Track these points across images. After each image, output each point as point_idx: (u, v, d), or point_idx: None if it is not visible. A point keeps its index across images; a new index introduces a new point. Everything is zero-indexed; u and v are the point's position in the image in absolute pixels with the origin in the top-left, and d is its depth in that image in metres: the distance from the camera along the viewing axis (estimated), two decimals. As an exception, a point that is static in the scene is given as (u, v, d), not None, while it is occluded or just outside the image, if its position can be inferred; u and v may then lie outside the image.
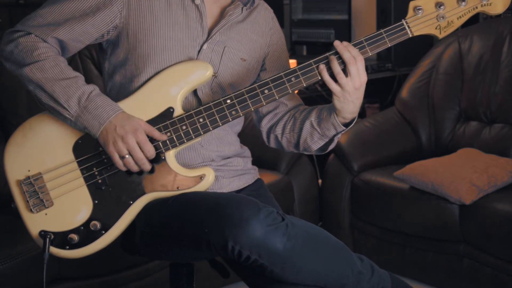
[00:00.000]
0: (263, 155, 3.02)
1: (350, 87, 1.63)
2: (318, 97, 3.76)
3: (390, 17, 3.86)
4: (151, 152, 1.62)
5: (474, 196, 2.59)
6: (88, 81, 2.96)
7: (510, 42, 3.04)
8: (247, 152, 1.91)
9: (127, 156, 1.61)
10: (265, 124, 1.87)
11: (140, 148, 1.61)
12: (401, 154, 3.15)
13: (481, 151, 2.88)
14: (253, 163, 1.93)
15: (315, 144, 1.78)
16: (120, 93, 1.73)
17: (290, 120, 1.82)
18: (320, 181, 3.27)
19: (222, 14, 1.78)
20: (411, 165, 2.82)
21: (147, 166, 1.63)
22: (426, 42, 3.71)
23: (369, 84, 1.74)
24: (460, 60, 3.19)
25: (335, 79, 1.64)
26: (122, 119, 1.61)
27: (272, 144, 1.89)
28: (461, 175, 2.65)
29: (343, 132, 1.74)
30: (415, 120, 3.24)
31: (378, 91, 3.88)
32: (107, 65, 1.77)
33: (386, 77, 3.86)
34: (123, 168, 1.63)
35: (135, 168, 1.63)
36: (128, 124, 1.60)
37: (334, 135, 1.76)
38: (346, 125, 1.73)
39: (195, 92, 1.73)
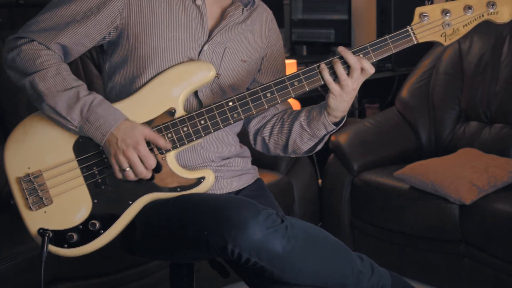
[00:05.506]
0: (263, 155, 3.02)
1: (349, 87, 1.64)
2: (318, 97, 3.76)
3: (390, 17, 3.86)
4: (153, 165, 1.62)
5: (474, 196, 2.59)
6: (88, 81, 2.97)
7: (510, 42, 3.04)
8: (246, 152, 1.91)
9: (127, 169, 1.61)
10: (253, 126, 1.87)
11: (142, 162, 1.61)
12: (401, 154, 3.15)
13: (481, 151, 2.88)
14: (253, 163, 1.93)
15: (305, 145, 1.79)
16: (120, 94, 1.73)
17: (278, 122, 1.82)
18: (320, 181, 3.27)
19: (222, 15, 1.78)
20: (411, 165, 2.82)
21: (148, 176, 1.64)
22: (426, 42, 3.70)
23: (369, 84, 1.74)
24: (460, 60, 3.19)
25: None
26: (125, 130, 1.61)
27: (259, 146, 1.89)
28: (461, 175, 2.65)
29: (333, 132, 1.75)
30: (415, 120, 3.24)
31: (378, 91, 3.88)
32: (107, 66, 1.76)
33: (386, 77, 3.86)
34: (121, 178, 1.63)
35: (133, 179, 1.63)
36: (129, 137, 1.60)
37: (324, 135, 1.76)
38: (336, 124, 1.73)
39: (195, 93, 1.73)
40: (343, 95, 1.65)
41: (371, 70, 1.65)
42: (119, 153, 1.60)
